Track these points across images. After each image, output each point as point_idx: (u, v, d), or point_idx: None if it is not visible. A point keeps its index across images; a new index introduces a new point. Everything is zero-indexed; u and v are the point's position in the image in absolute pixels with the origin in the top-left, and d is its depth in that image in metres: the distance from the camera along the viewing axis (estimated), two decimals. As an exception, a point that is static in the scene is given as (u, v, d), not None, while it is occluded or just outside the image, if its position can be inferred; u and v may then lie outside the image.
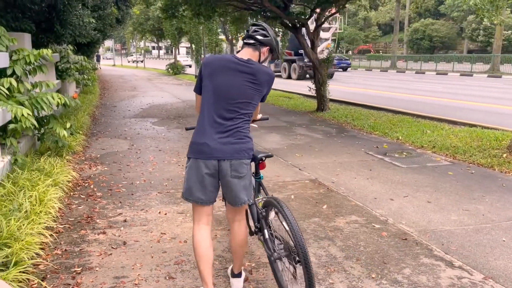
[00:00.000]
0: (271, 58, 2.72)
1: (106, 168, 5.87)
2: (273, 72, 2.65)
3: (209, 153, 2.46)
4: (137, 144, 7.46)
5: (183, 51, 52.50)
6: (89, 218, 4.02)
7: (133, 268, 3.09)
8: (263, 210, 2.78)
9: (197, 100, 2.65)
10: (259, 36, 2.57)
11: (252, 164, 2.73)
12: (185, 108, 12.57)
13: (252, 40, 2.58)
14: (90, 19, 8.60)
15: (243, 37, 2.66)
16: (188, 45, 46.08)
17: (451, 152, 6.84)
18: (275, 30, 14.58)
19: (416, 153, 6.98)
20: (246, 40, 2.61)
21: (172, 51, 47.17)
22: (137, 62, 54.38)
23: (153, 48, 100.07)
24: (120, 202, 4.51)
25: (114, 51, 68.36)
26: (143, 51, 63.94)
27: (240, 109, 2.50)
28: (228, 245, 3.46)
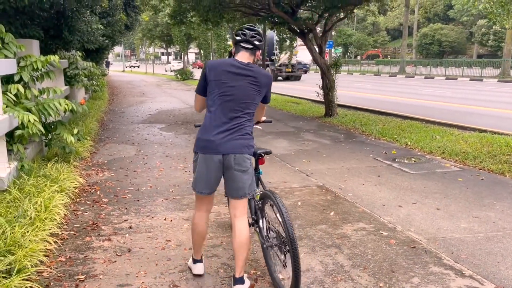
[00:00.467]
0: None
1: (113, 174, 5.87)
2: (270, 74, 2.94)
3: (215, 148, 2.69)
4: (144, 150, 7.46)
5: (192, 57, 53.27)
6: (95, 225, 4.00)
7: (137, 276, 3.06)
8: (260, 202, 3.00)
9: (198, 100, 2.93)
10: (257, 42, 2.80)
11: (253, 160, 2.92)
12: (193, 114, 12.59)
13: (251, 45, 2.79)
14: (98, 26, 8.66)
15: (238, 40, 2.80)
16: (197, 51, 46.36)
17: (461, 158, 6.74)
18: (283, 36, 14.60)
19: (425, 159, 6.89)
20: (244, 45, 2.79)
21: (181, 57, 47.52)
22: (133, 67, 56.79)
23: (162, 54, 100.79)
24: (126, 209, 4.49)
25: (124, 57, 68.91)
26: (153, 57, 64.47)
27: (244, 109, 2.74)
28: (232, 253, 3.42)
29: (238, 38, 2.81)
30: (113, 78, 34.99)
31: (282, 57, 29.85)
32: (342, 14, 11.72)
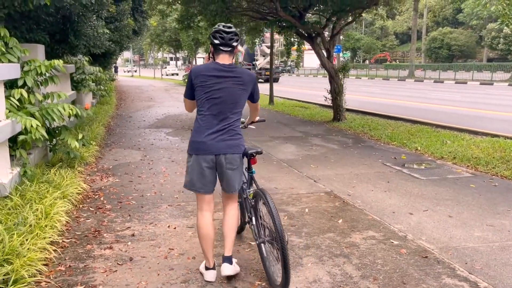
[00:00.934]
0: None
1: (117, 180, 5.79)
2: (254, 73, 3.11)
3: (207, 150, 2.89)
4: (150, 155, 7.39)
5: (200, 62, 53.72)
6: (97, 232, 3.91)
7: (138, 286, 2.96)
8: (253, 201, 3.16)
9: (187, 103, 3.14)
10: (234, 43, 2.92)
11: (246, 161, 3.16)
12: (200, 119, 12.49)
13: (229, 48, 2.91)
14: (105, 30, 8.63)
15: (217, 44, 2.88)
16: (205, 55, 46.42)
17: (473, 164, 6.57)
18: (291, 40, 14.51)
19: (436, 165, 6.73)
20: (223, 48, 2.89)
21: (190, 62, 47.72)
22: (132, 72, 59.46)
23: (171, 59, 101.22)
24: (129, 215, 4.40)
25: (132, 62, 69.30)
26: (161, 62, 64.79)
27: (232, 109, 2.91)
28: (238, 262, 3.31)
29: (217, 42, 2.89)
30: (122, 83, 35.12)
31: (262, 62, 32.20)
32: (350, 18, 11.60)
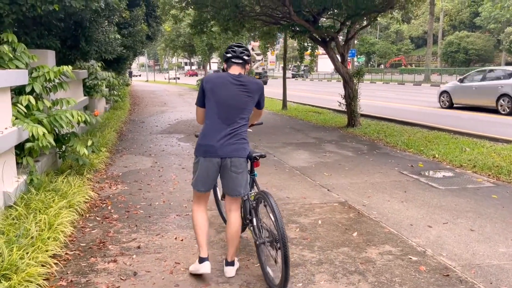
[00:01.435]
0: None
1: (126, 188, 5.68)
2: (261, 82, 3.26)
3: (214, 152, 3.02)
4: (161, 162, 7.27)
5: (214, 67, 53.93)
6: (101, 244, 3.78)
7: (141, 304, 2.81)
8: (254, 202, 3.24)
9: (199, 112, 3.22)
10: (245, 57, 3.16)
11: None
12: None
13: (241, 60, 3.14)
14: (116, 36, 8.58)
15: (229, 57, 3.14)
16: (219, 61, 46.70)
17: (494, 173, 6.30)
18: (304, 45, 14.35)
19: (455, 173, 6.47)
20: (235, 60, 3.13)
21: (203, 67, 47.89)
22: (135, 76, 62.13)
23: (186, 64, 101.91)
24: (136, 226, 4.27)
25: (147, 67, 69.94)
26: (176, 67, 65.25)
27: (238, 115, 3.07)
28: (247, 279, 3.14)
29: (229, 55, 3.15)
30: (137, 88, 35.35)
31: (254, 67, 32.98)
32: (365, 22, 11.39)
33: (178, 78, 54.57)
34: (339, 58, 11.25)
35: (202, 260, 3.13)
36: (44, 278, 2.98)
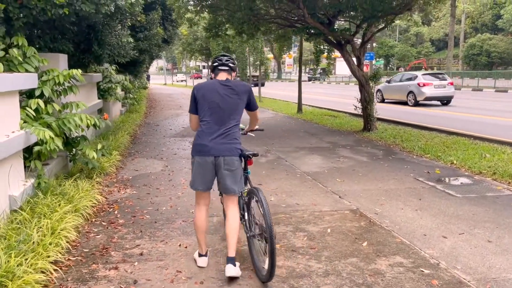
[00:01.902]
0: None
1: (135, 192, 5.64)
2: (249, 84, 3.50)
3: (208, 151, 3.23)
4: (172, 166, 7.23)
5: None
6: (104, 250, 3.72)
7: (139, 315, 2.73)
8: (246, 198, 3.44)
9: (193, 118, 3.43)
10: (231, 64, 3.42)
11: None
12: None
13: (226, 67, 3.40)
14: (129, 39, 8.60)
15: (216, 65, 3.40)
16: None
17: (515, 180, 6.05)
18: (321, 48, 14.21)
19: (474, 181, 6.24)
20: (221, 67, 3.39)
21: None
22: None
23: (203, 67, 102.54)
24: (141, 231, 4.20)
25: (166, 71, 70.56)
26: (194, 70, 65.68)
27: (229, 116, 3.28)
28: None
29: (215, 64, 3.41)
30: (154, 91, 35.62)
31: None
32: (382, 25, 11.18)
33: (185, 81, 55.49)
34: (355, 61, 11.06)
35: (201, 255, 3.44)
36: (43, 286, 2.93)
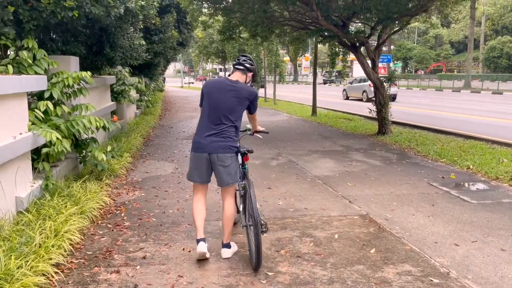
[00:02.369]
0: (252, 81, 3.74)
1: (143, 194, 5.63)
2: (254, 90, 3.65)
3: (203, 148, 3.50)
4: (182, 168, 7.20)
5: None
6: (108, 253, 3.70)
7: (136, 320, 2.69)
8: (242, 192, 3.76)
9: (201, 112, 3.66)
10: (247, 65, 3.63)
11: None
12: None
13: (242, 67, 3.62)
14: (141, 42, 8.63)
15: (234, 64, 3.68)
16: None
17: (534, 186, 5.84)
18: (336, 50, 14.06)
19: (490, 186, 6.05)
20: (237, 66, 3.62)
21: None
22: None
23: (220, 70, 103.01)
24: (146, 234, 4.17)
25: (183, 73, 71.03)
26: (211, 73, 65.98)
27: (226, 116, 3.48)
28: None
29: (234, 63, 3.68)
30: (170, 94, 35.86)
31: None
32: (397, 26, 10.99)
33: (192, 83, 57.71)
34: (370, 64, 10.91)
35: (198, 241, 3.54)
36: (43, 288, 2.91)
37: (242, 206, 3.82)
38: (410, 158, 8.07)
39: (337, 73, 48.31)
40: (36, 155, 4.75)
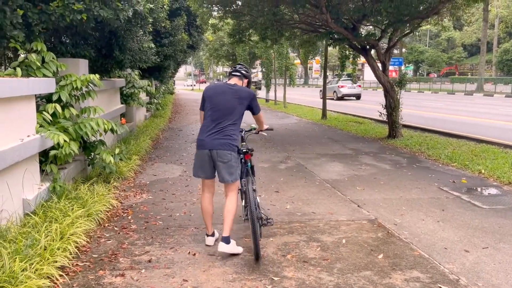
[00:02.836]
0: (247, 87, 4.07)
1: (151, 197, 5.62)
2: (252, 91, 3.97)
3: (204, 145, 3.76)
4: (190, 171, 7.12)
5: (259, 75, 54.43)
6: (113, 256, 3.69)
7: (139, 324, 2.67)
8: (244, 188, 3.79)
9: (201, 115, 4.01)
10: (243, 71, 4.01)
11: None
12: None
13: (239, 73, 3.99)
14: (150, 44, 8.66)
15: (230, 71, 4.07)
16: (259, 69, 47.27)
17: (547, 192, 5.72)
18: (346, 53, 13.99)
19: (502, 191, 5.94)
20: (234, 73, 4.00)
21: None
22: (192, 86, 62.51)
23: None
24: (152, 238, 4.16)
25: (193, 76, 71.32)
26: (221, 76, 66.17)
27: (227, 117, 3.76)
28: None
29: (230, 70, 4.06)
30: (181, 96, 36.03)
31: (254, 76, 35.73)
32: (408, 29, 10.89)
33: (195, 85, 59.73)
34: (380, 67, 10.82)
35: (208, 235, 3.94)
36: (47, 291, 2.91)
37: (243, 202, 4.09)
38: (421, 162, 7.96)
39: (347, 76, 48.13)
40: (44, 157, 4.78)
